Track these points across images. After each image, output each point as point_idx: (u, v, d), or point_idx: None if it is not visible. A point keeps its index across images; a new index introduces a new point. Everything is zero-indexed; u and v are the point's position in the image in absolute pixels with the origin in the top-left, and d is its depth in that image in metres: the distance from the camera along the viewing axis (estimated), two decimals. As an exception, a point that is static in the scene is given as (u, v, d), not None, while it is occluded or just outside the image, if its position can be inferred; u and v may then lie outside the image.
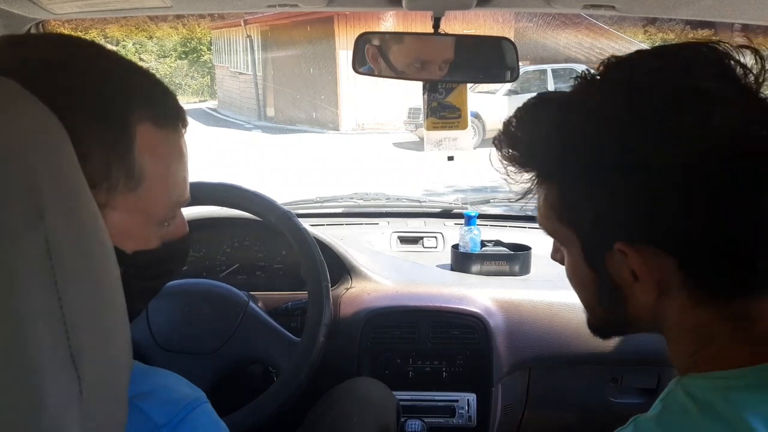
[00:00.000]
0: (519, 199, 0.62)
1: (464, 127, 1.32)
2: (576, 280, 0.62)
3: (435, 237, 1.79)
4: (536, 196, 0.61)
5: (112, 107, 0.51)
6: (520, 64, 1.24)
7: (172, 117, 0.57)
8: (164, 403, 0.54)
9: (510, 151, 0.59)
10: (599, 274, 0.57)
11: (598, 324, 0.64)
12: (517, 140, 0.58)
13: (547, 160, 0.57)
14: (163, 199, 0.57)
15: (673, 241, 0.51)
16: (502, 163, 0.60)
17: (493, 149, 0.61)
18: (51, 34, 0.56)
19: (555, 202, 0.58)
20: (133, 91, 0.54)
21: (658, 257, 0.52)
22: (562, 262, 0.64)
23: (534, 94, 0.60)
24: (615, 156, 0.51)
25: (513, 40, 1.24)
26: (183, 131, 0.59)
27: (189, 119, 0.61)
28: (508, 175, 0.60)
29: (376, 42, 1.24)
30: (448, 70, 1.25)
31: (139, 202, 0.54)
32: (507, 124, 0.59)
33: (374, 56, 1.24)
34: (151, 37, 19.06)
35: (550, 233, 0.62)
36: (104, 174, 0.50)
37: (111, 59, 0.55)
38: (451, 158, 1.42)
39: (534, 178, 0.59)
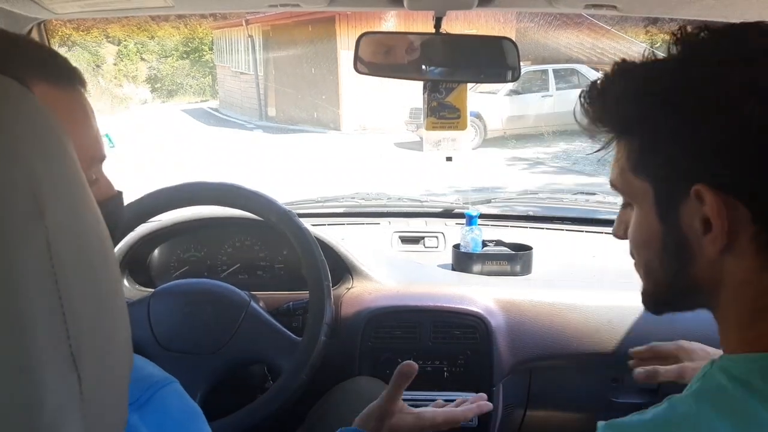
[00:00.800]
0: (598, 151, 0.64)
1: (463, 127, 1.32)
2: (640, 239, 0.62)
3: (436, 237, 1.79)
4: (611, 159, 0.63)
5: (4, 70, 0.53)
6: (521, 64, 1.23)
7: (67, 76, 0.59)
8: (131, 382, 0.54)
9: (594, 105, 0.61)
10: (669, 227, 0.57)
11: (656, 291, 0.63)
12: (605, 94, 0.60)
13: (632, 111, 0.58)
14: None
15: (751, 190, 0.52)
16: (585, 117, 0.62)
17: (578, 105, 0.63)
18: None
19: (633, 154, 0.59)
20: (21, 55, 0.56)
21: (733, 207, 0.52)
22: (624, 236, 0.65)
23: (536, 94, 0.61)
24: (705, 100, 0.53)
25: (514, 40, 1.24)
26: (82, 91, 0.61)
27: (190, 119, 0.63)
28: (590, 129, 0.62)
29: (377, 42, 1.24)
30: (450, 70, 1.25)
31: None
32: (594, 82, 0.61)
33: (375, 56, 1.24)
34: (152, 37, 19.05)
35: (623, 189, 0.63)
36: None
37: None
38: (449, 159, 1.42)
39: (614, 132, 0.61)
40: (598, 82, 0.61)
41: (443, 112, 1.31)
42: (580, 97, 0.62)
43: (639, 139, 0.59)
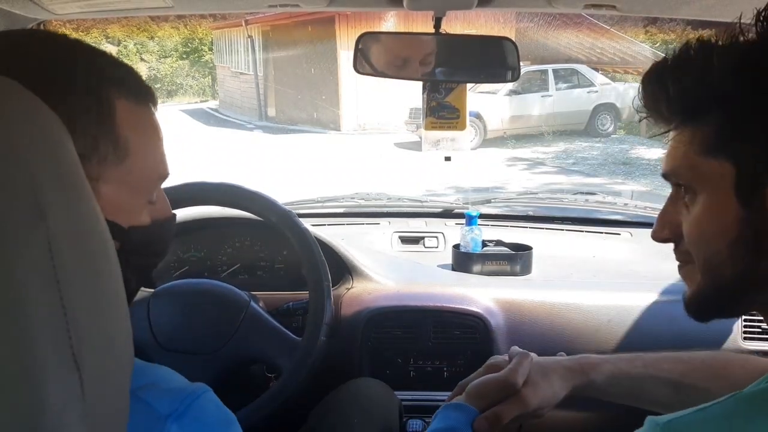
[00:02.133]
0: (662, 134, 0.60)
1: (462, 128, 1.32)
2: (711, 229, 0.57)
3: (436, 237, 1.79)
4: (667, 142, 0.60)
5: (89, 85, 0.55)
6: (521, 64, 1.24)
7: (144, 94, 0.61)
8: (167, 393, 0.55)
9: (672, 86, 0.57)
10: (752, 211, 0.53)
11: (714, 291, 0.58)
12: (683, 75, 0.57)
13: (716, 90, 0.55)
14: (149, 171, 0.61)
15: None
16: (654, 101, 0.59)
17: (641, 88, 0.60)
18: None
19: (707, 136, 0.56)
20: (103, 71, 0.57)
21: None
22: (668, 237, 0.62)
23: (536, 94, 0.60)
24: None
25: (514, 40, 1.24)
26: (154, 110, 0.63)
27: (190, 119, 0.64)
28: (655, 114, 0.59)
29: (377, 42, 1.24)
30: (449, 70, 1.25)
31: (129, 175, 0.58)
32: (660, 63, 0.58)
33: (375, 56, 1.24)
34: (152, 37, 19.06)
35: (688, 175, 0.58)
36: (93, 146, 0.54)
37: (71, 46, 0.58)
38: (448, 159, 1.42)
39: (683, 114, 0.57)
40: (669, 62, 0.58)
41: (442, 112, 1.31)
42: (643, 80, 0.59)
43: (717, 119, 0.55)
